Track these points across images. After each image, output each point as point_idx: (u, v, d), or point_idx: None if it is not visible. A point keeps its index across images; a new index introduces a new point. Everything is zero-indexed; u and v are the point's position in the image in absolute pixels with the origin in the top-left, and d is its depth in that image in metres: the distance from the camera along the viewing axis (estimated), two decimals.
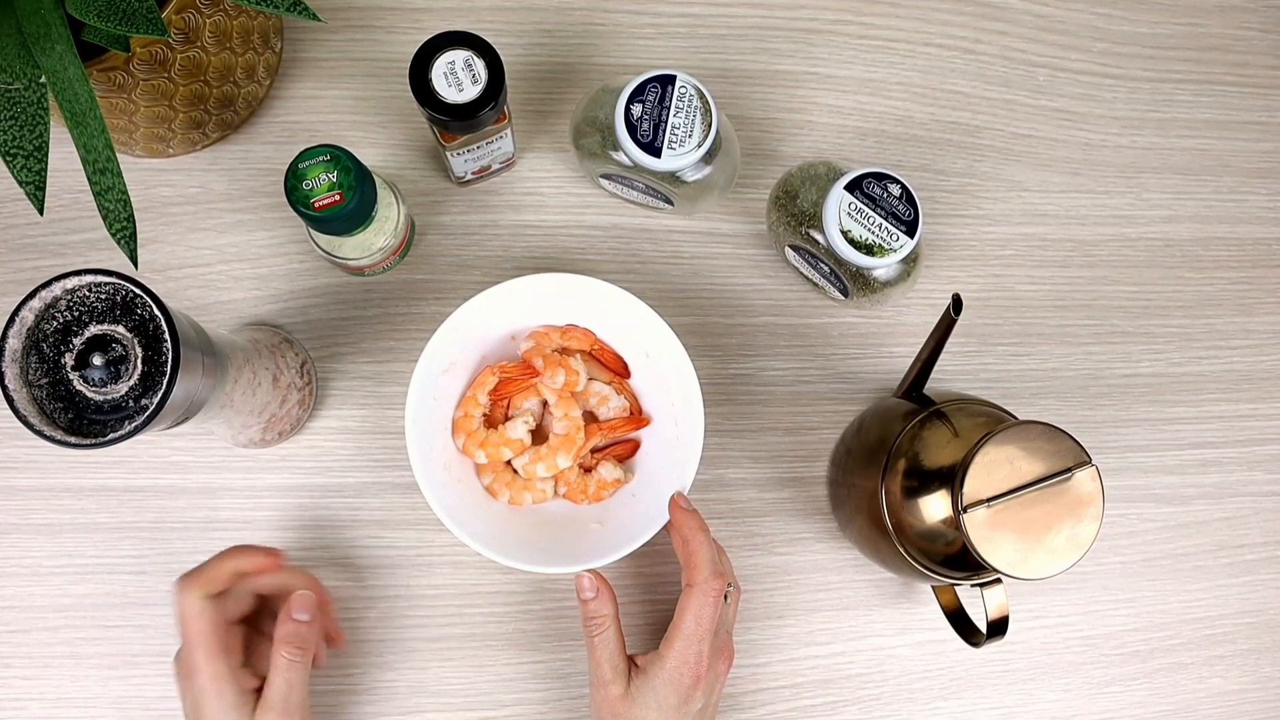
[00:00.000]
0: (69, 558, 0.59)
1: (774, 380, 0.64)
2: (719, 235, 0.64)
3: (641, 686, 0.50)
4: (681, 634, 0.50)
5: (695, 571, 0.51)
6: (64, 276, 0.40)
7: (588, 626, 0.52)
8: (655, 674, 0.50)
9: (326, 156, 0.49)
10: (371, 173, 0.52)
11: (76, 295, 0.40)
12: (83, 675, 0.58)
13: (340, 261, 0.55)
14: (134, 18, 0.41)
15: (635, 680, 0.51)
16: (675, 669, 0.50)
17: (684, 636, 0.50)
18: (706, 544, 0.51)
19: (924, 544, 0.53)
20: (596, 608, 0.52)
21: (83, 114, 0.43)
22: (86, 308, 0.40)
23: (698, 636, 0.50)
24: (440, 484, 0.55)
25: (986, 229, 0.66)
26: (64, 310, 0.40)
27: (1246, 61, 0.70)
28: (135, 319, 0.40)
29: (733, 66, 0.65)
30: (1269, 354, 0.69)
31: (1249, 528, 0.67)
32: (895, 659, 0.63)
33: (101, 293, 0.40)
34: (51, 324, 0.40)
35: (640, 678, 0.51)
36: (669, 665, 0.50)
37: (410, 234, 0.59)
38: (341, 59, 0.62)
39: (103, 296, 0.40)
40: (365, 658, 0.60)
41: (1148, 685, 0.66)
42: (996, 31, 0.68)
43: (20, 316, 0.40)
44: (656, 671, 0.50)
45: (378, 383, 0.61)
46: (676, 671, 0.50)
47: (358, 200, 0.49)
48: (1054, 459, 0.47)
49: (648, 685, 0.50)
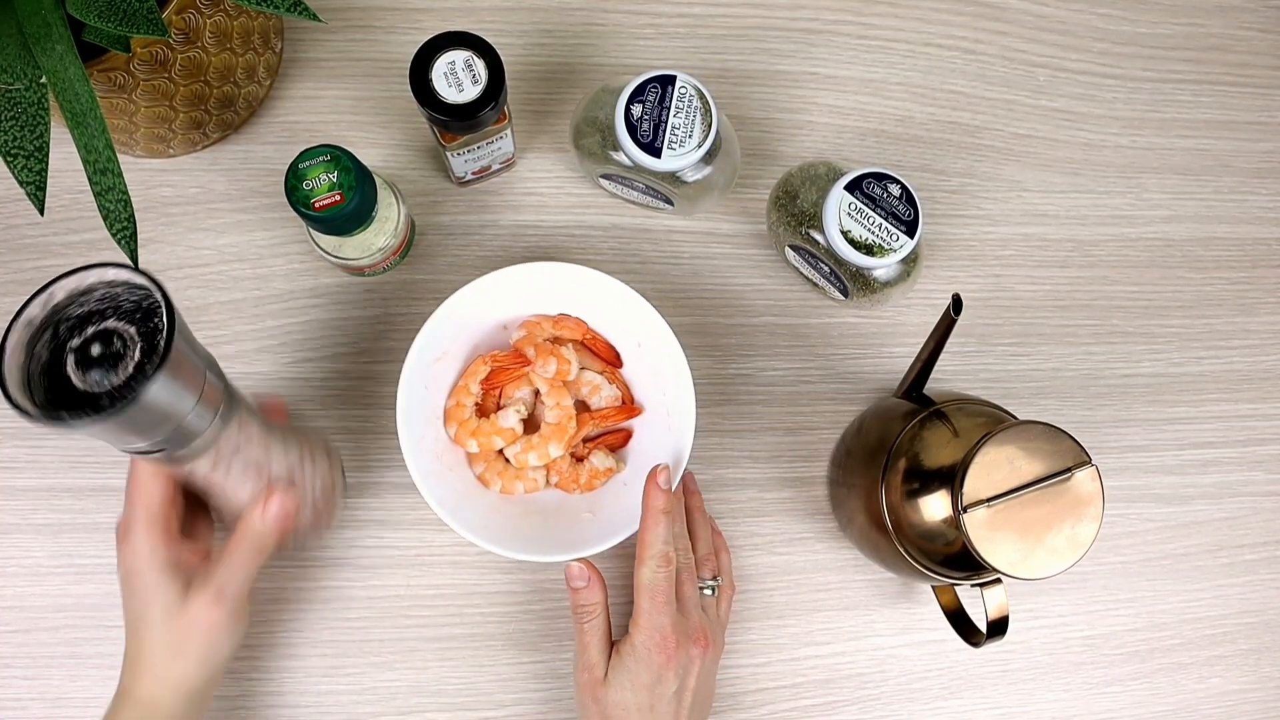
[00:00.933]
0: (69, 558, 0.59)
1: (774, 380, 0.64)
2: (719, 235, 0.64)
3: (616, 668, 0.51)
4: (641, 612, 0.51)
5: (641, 549, 0.51)
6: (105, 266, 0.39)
7: (578, 614, 0.53)
8: (627, 654, 0.51)
9: (327, 156, 0.49)
10: (372, 173, 0.52)
11: (112, 289, 0.40)
12: (83, 675, 0.58)
13: (341, 262, 0.55)
14: (134, 18, 0.41)
15: (612, 662, 0.52)
16: (643, 645, 0.50)
17: (643, 614, 0.51)
18: (659, 524, 0.52)
19: (924, 544, 0.53)
20: (587, 596, 0.52)
21: (83, 114, 0.43)
22: (114, 304, 0.40)
23: (655, 611, 0.50)
24: (432, 473, 0.55)
25: (986, 229, 0.66)
26: (94, 301, 0.40)
27: (1246, 61, 0.70)
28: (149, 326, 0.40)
29: (733, 66, 0.65)
30: (1269, 354, 0.69)
31: (1249, 528, 0.67)
32: (895, 659, 0.63)
33: (133, 295, 0.40)
34: (77, 310, 0.40)
35: (615, 658, 0.52)
36: (637, 643, 0.51)
37: (410, 234, 0.59)
38: (341, 59, 0.62)
39: (132, 299, 0.40)
40: (365, 658, 0.60)
41: (1148, 685, 0.66)
42: (996, 31, 0.68)
43: (51, 290, 0.40)
44: (628, 651, 0.51)
45: (377, 383, 0.61)
46: (644, 648, 0.50)
47: (358, 200, 0.49)
48: (1054, 459, 0.47)
49: (622, 666, 0.51)
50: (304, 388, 0.60)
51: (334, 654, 0.59)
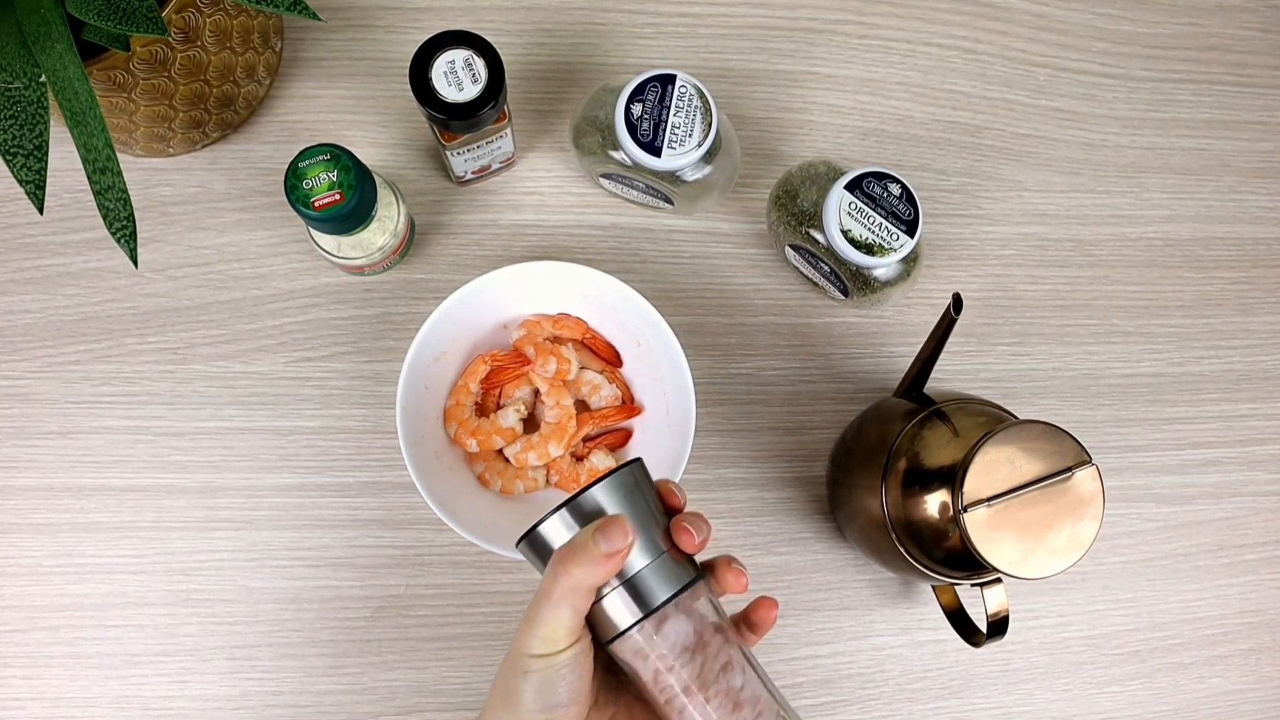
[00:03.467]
0: (69, 558, 0.59)
1: (774, 380, 0.64)
2: (719, 235, 0.64)
3: None
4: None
5: None
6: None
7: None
8: None
9: (326, 156, 0.49)
10: (372, 172, 0.52)
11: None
12: (82, 675, 0.58)
13: (341, 261, 0.55)
14: (134, 17, 0.41)
15: None
16: None
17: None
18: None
19: (924, 544, 0.53)
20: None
21: (83, 113, 0.43)
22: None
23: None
24: (432, 473, 0.55)
25: (986, 229, 0.66)
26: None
27: (1246, 61, 0.70)
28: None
29: (733, 66, 0.65)
30: (1269, 354, 0.69)
31: (1249, 528, 0.67)
32: (895, 659, 0.63)
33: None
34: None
35: None
36: None
37: (410, 234, 0.59)
38: (341, 59, 0.62)
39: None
40: (365, 658, 0.60)
41: (1148, 685, 0.65)
42: (996, 31, 0.68)
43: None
44: None
45: (377, 382, 0.61)
46: None
47: (358, 199, 0.49)
48: (1054, 459, 0.47)
49: None
50: (304, 387, 0.60)
51: (334, 654, 0.59)
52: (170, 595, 0.59)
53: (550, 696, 0.35)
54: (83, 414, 0.59)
